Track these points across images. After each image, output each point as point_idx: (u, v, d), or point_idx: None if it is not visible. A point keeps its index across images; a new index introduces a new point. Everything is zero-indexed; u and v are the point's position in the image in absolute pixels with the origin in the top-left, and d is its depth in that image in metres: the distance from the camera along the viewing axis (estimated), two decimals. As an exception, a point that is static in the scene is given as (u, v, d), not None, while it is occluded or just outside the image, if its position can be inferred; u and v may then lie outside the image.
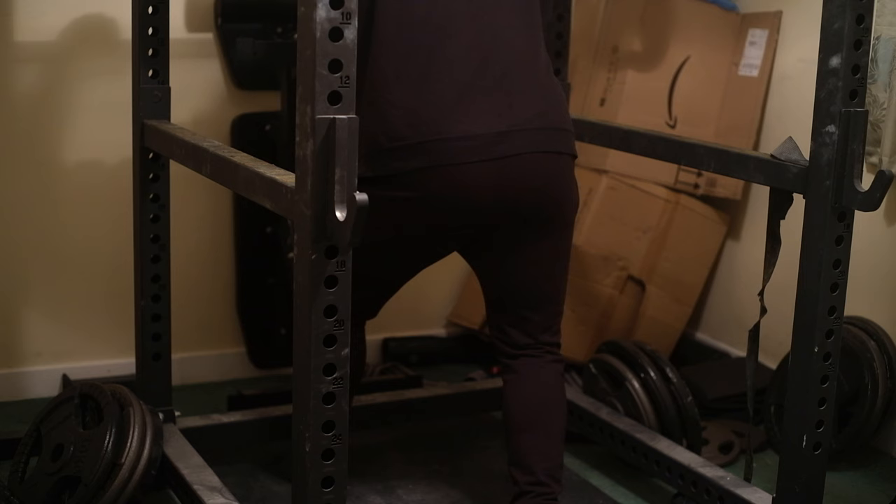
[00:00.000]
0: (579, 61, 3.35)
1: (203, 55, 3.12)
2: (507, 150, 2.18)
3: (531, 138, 2.21)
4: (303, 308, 1.70)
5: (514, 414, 2.36)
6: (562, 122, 2.29)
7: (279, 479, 2.68)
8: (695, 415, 2.72)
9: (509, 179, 2.19)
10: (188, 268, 3.15)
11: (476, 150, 2.16)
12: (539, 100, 2.25)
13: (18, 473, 2.40)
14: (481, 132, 2.17)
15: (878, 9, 2.73)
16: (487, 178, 2.18)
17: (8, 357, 3.09)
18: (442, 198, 2.18)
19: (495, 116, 2.19)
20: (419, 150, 2.16)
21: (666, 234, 3.31)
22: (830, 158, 2.03)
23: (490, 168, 2.17)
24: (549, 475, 2.32)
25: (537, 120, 2.23)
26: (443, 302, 3.58)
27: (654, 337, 3.28)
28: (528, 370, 2.37)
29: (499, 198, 2.20)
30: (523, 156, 2.20)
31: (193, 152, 2.18)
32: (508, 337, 2.38)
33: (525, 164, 2.20)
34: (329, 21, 1.58)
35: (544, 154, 2.23)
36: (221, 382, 3.26)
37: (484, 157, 2.17)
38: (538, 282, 2.33)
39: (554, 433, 2.36)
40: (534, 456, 2.33)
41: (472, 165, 2.16)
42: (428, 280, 3.48)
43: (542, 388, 2.37)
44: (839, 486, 2.76)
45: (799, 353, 2.13)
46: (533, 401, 2.37)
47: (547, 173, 2.24)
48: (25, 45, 2.95)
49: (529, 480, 2.32)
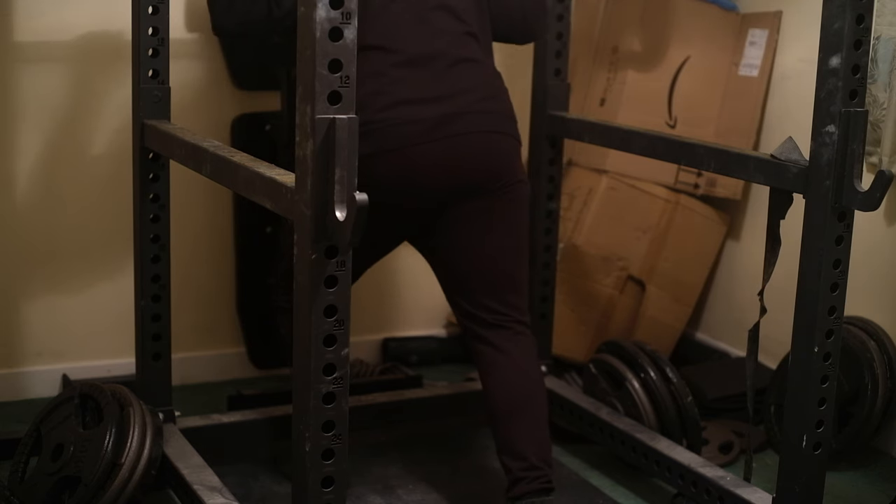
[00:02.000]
0: (579, 61, 3.35)
1: (203, 55, 3.12)
2: (454, 130, 2.29)
3: (475, 120, 2.32)
4: (303, 308, 1.70)
5: (499, 401, 2.41)
6: (505, 109, 2.40)
7: (279, 479, 2.68)
8: (695, 415, 2.72)
9: (456, 158, 2.30)
10: (188, 268, 3.15)
11: (423, 133, 2.27)
12: (481, 89, 2.36)
13: (18, 473, 2.40)
14: (426, 116, 2.27)
15: (878, 9, 2.73)
16: (435, 157, 2.28)
17: (8, 357, 3.09)
18: (394, 180, 2.27)
19: (439, 102, 2.30)
20: (365, 135, 2.22)
21: (666, 234, 3.31)
22: (830, 158, 2.03)
23: (437, 147, 2.28)
24: (542, 459, 2.37)
25: (480, 104, 2.34)
26: (443, 302, 3.55)
27: (654, 337, 3.28)
28: (502, 344, 2.42)
29: (448, 176, 2.30)
30: (469, 135, 2.31)
31: (193, 152, 2.18)
32: (473, 316, 2.43)
33: (471, 142, 2.31)
34: (329, 21, 1.59)
35: (488, 133, 2.34)
36: (221, 382, 3.26)
37: (431, 139, 2.27)
38: (494, 257, 2.40)
39: (540, 416, 2.41)
40: (524, 442, 2.37)
41: (420, 147, 2.27)
42: (428, 280, 3.47)
43: (522, 372, 2.42)
44: (839, 486, 2.76)
45: (799, 353, 2.13)
46: (516, 386, 2.41)
47: (492, 150, 2.34)
48: (25, 46, 2.94)
49: (523, 466, 2.36)
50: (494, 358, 2.42)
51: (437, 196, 2.34)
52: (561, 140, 2.91)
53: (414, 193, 2.32)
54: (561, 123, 2.84)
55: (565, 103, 2.88)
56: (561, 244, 3.13)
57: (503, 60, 3.38)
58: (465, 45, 2.37)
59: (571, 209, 3.27)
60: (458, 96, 2.32)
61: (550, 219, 2.93)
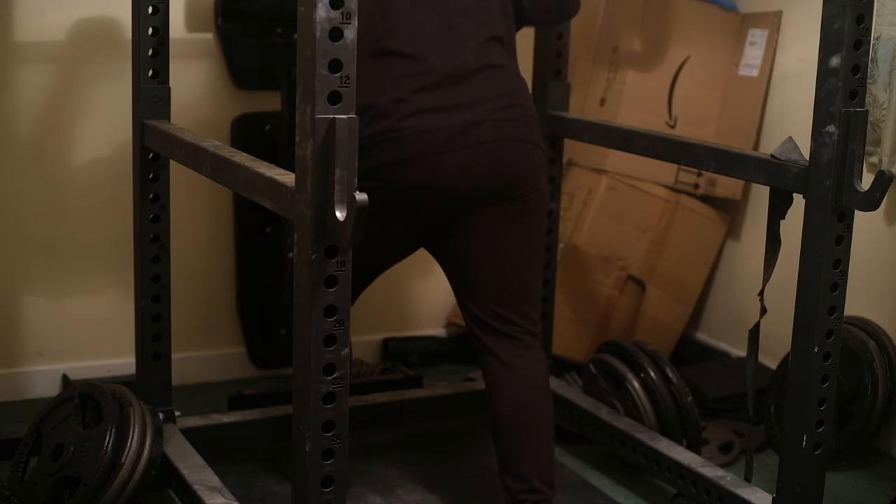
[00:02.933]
0: (579, 61, 3.35)
1: (203, 55, 3.12)
2: (474, 139, 2.27)
3: (496, 128, 2.29)
4: (303, 308, 1.70)
5: (504, 419, 2.35)
6: (527, 116, 2.37)
7: (279, 479, 2.68)
8: (695, 415, 2.72)
9: (476, 167, 2.27)
10: (188, 268, 3.15)
11: (445, 142, 2.25)
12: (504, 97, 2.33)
13: (18, 473, 2.40)
14: (447, 124, 2.25)
15: (878, 9, 2.73)
16: (456, 166, 2.26)
17: (8, 357, 3.09)
18: (415, 186, 2.25)
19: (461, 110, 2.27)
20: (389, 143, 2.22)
21: (666, 234, 3.31)
22: (830, 158, 2.03)
23: (458, 156, 2.26)
24: (543, 481, 2.32)
25: (502, 112, 2.31)
26: (443, 302, 3.58)
27: (654, 337, 3.28)
28: (510, 360, 2.36)
29: (468, 184, 2.28)
30: (490, 143, 2.28)
31: (193, 152, 2.18)
32: (483, 322, 2.38)
33: (491, 150, 2.28)
34: (329, 21, 1.59)
35: (509, 141, 2.31)
36: (221, 382, 3.26)
37: (452, 148, 2.25)
38: (507, 263, 2.36)
39: (545, 434, 2.36)
40: (526, 463, 2.32)
41: (441, 156, 2.25)
42: (428, 280, 3.49)
43: (528, 386, 2.36)
44: (839, 486, 2.76)
45: (799, 353, 2.12)
46: (522, 405, 2.35)
47: (512, 159, 2.31)
48: (26, 46, 2.95)
49: (524, 488, 2.32)
50: (502, 374, 2.36)
51: (457, 202, 2.31)
52: (561, 140, 2.91)
53: (434, 199, 2.29)
54: (561, 123, 2.83)
55: (565, 103, 2.87)
56: (561, 244, 3.13)
57: (503, 60, 3.39)
58: (490, 52, 2.33)
59: (571, 209, 3.27)
60: (479, 104, 2.29)
61: (550, 219, 2.92)
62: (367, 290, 3.27)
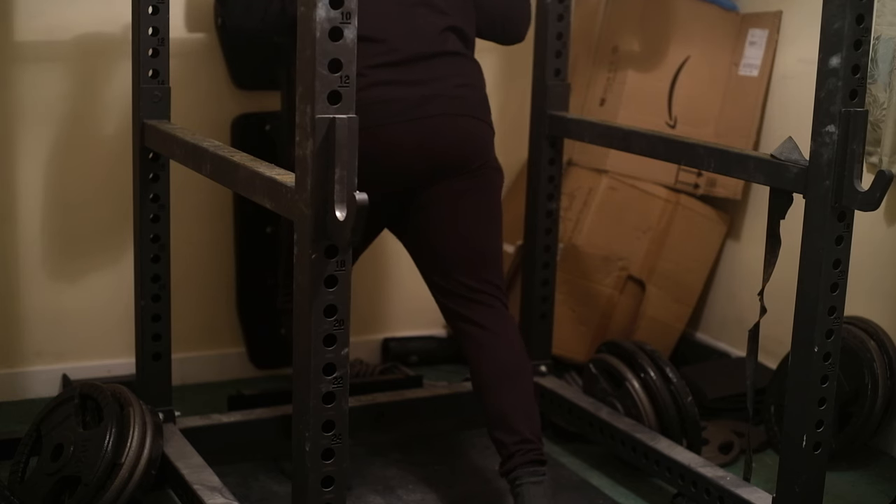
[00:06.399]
0: (579, 61, 3.35)
1: (203, 55, 3.12)
2: (430, 111, 2.37)
3: (450, 103, 2.41)
4: (303, 308, 1.70)
5: (489, 376, 2.46)
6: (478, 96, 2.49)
7: (279, 479, 2.68)
8: (695, 415, 2.72)
9: (432, 139, 2.38)
10: (188, 268, 3.15)
11: (401, 112, 2.35)
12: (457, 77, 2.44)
13: (18, 473, 2.40)
14: (402, 97, 2.35)
15: (878, 9, 2.73)
16: (413, 137, 2.36)
17: (8, 357, 3.09)
18: (374, 157, 2.29)
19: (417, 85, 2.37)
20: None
21: (666, 234, 3.31)
22: (830, 158, 2.03)
23: (414, 128, 2.36)
24: (534, 433, 2.43)
25: (455, 90, 2.43)
26: (443, 302, 3.57)
27: (654, 337, 3.28)
28: (485, 321, 2.48)
29: (424, 156, 2.38)
30: (444, 116, 2.39)
31: (193, 152, 2.18)
32: (451, 293, 2.49)
33: (446, 124, 2.39)
34: (329, 21, 1.59)
35: (463, 117, 2.41)
36: (221, 382, 3.26)
37: (409, 118, 2.35)
38: (467, 236, 2.47)
39: (529, 390, 2.48)
40: (516, 417, 2.43)
41: (398, 125, 2.35)
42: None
43: (508, 345, 2.48)
44: (839, 486, 2.76)
45: (799, 353, 2.13)
46: (504, 360, 2.47)
47: (465, 134, 2.42)
48: (25, 45, 2.95)
49: (516, 440, 2.41)
50: (481, 336, 2.48)
51: (414, 175, 2.41)
52: (561, 140, 2.91)
53: (392, 173, 2.38)
54: (561, 123, 2.84)
55: (565, 103, 2.87)
56: (561, 244, 3.13)
57: (503, 60, 3.40)
58: (446, 40, 2.44)
59: (571, 209, 3.27)
60: (434, 82, 2.40)
61: (550, 219, 2.93)
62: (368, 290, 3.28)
